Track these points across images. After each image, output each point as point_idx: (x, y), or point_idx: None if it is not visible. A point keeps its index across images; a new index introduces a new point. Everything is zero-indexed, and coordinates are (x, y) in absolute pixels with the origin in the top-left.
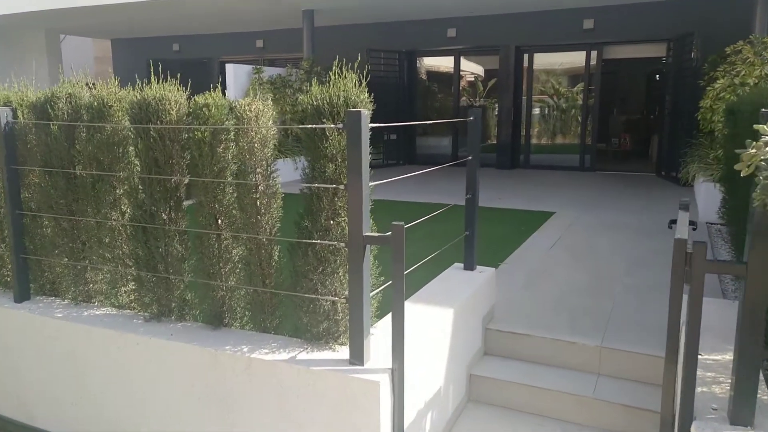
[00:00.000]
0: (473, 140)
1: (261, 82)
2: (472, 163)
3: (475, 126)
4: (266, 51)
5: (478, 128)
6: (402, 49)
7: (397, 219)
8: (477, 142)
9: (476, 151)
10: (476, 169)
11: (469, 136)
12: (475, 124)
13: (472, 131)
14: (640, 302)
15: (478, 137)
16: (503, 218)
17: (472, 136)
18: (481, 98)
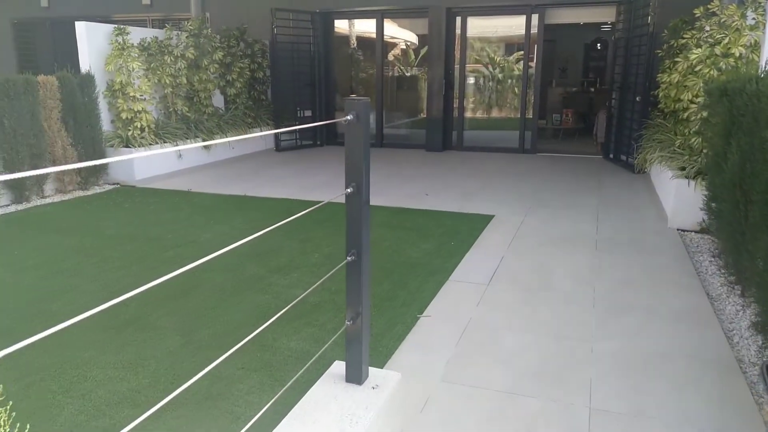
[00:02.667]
0: (354, 161)
1: (124, 47)
2: (355, 201)
3: (355, 133)
4: (153, 9)
5: (362, 138)
6: (315, 9)
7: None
8: (362, 166)
9: (362, 180)
10: (363, 210)
11: (347, 155)
12: (357, 130)
13: (352, 143)
14: (632, 399)
15: (362, 156)
16: (428, 226)
17: (353, 154)
18: (413, 67)
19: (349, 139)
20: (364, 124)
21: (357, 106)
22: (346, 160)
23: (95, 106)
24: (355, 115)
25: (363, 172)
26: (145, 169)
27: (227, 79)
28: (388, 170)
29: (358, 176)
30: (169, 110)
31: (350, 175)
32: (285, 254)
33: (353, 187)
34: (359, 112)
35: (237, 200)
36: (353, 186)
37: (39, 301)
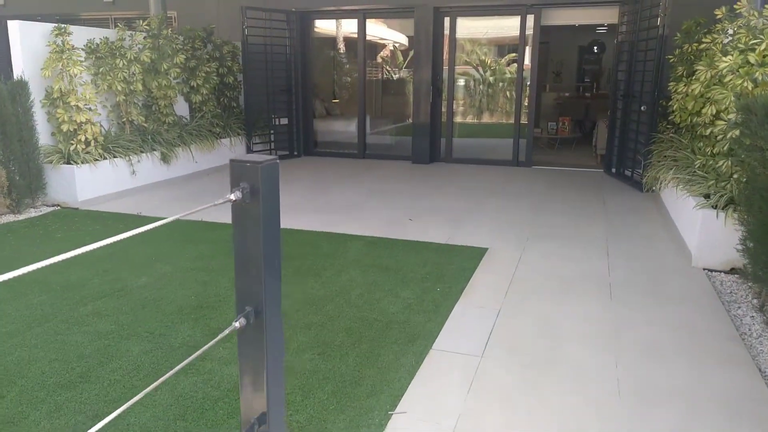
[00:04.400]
0: (249, 272)
1: (63, 49)
2: (255, 337)
3: (247, 224)
4: (116, 7)
5: (261, 231)
6: (291, 9)
7: None
8: (264, 280)
9: (261, 304)
10: (272, 342)
11: (238, 261)
12: (251, 218)
13: (245, 240)
14: None
15: (262, 262)
16: (410, 264)
17: (246, 261)
18: (401, 70)
19: (240, 233)
20: (267, 204)
21: (250, 174)
22: (236, 270)
23: (29, 117)
24: (247, 191)
25: (265, 291)
26: (91, 187)
27: (191, 85)
28: (369, 187)
29: (256, 298)
30: (122, 120)
31: (243, 296)
32: (229, 309)
33: (249, 315)
34: (256, 183)
35: (190, 228)
36: (249, 313)
37: None
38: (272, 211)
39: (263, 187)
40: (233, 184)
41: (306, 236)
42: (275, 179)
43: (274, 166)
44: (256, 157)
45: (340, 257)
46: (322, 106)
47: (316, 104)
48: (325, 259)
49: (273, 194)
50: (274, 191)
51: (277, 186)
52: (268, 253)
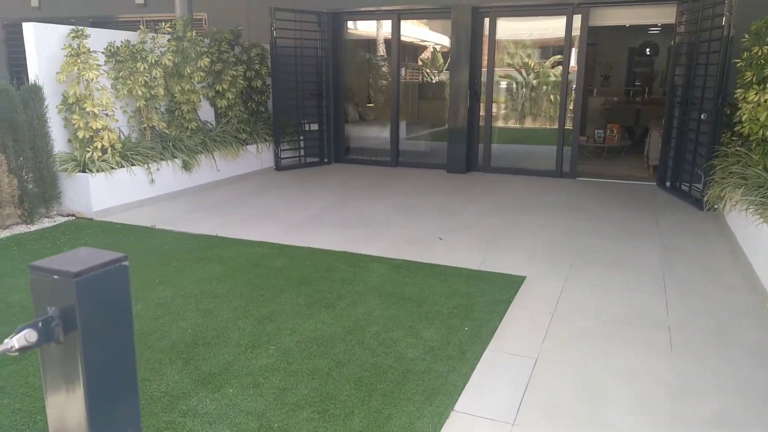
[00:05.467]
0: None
1: (79, 52)
2: None
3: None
4: (147, 9)
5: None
6: (323, 9)
7: None
8: None
9: None
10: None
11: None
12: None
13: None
14: None
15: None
16: (435, 294)
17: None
18: (440, 73)
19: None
20: (95, 348)
21: (60, 294)
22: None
23: (43, 123)
24: (56, 323)
25: None
26: (107, 197)
27: (217, 89)
28: (398, 199)
29: None
30: (143, 126)
31: None
32: (227, 348)
33: None
34: (70, 310)
35: (203, 243)
36: None
37: None
38: (109, 358)
39: (85, 319)
40: (37, 311)
41: (323, 257)
42: (119, 301)
43: (109, 275)
44: (75, 261)
45: (358, 283)
46: (355, 111)
47: (349, 109)
48: (342, 285)
49: (111, 329)
50: (115, 322)
51: (125, 312)
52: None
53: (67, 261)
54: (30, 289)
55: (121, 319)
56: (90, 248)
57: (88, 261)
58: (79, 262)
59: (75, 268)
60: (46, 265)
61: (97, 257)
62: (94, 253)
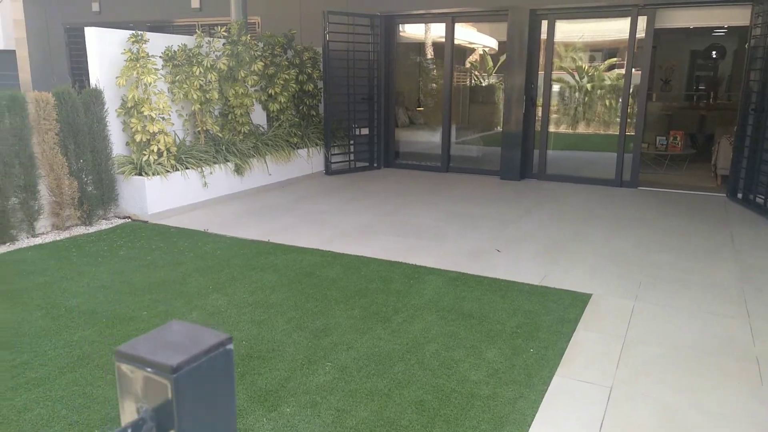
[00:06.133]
0: None
1: (139, 57)
2: None
3: None
4: (203, 13)
5: None
6: (376, 12)
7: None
8: None
9: None
10: None
11: None
12: None
13: None
14: None
15: None
16: (496, 311)
17: None
18: (490, 76)
19: None
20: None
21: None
22: None
23: (103, 127)
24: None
25: None
26: (162, 200)
27: (269, 93)
28: (451, 206)
29: None
30: (197, 130)
31: None
32: (283, 362)
33: None
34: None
35: (255, 249)
36: None
37: None
38: None
39: (185, 419)
40: (124, 408)
41: (376, 267)
42: (222, 392)
43: (212, 363)
44: (170, 345)
45: (414, 296)
46: (405, 115)
47: (399, 113)
48: (397, 298)
49: (213, 426)
50: (217, 418)
51: (228, 404)
52: None
53: (161, 345)
54: (116, 379)
55: (224, 413)
56: (183, 323)
57: (186, 346)
58: (177, 347)
59: (173, 359)
60: (136, 352)
61: (197, 339)
62: (190, 332)
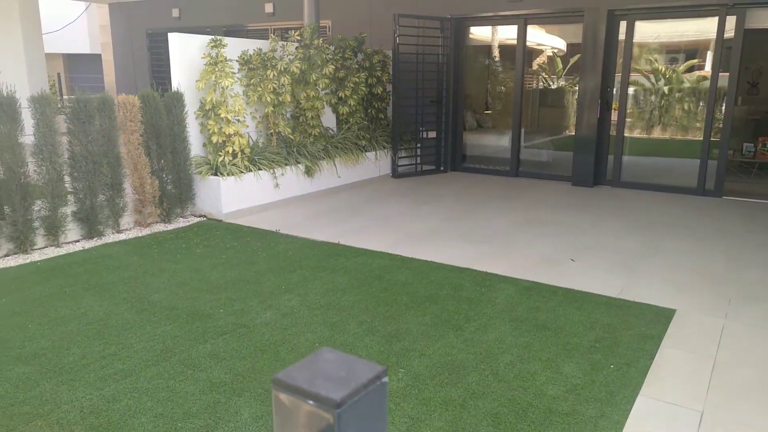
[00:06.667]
0: None
1: (217, 61)
2: None
3: None
4: (276, 18)
5: None
6: (446, 15)
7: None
8: None
9: None
10: None
11: None
12: None
13: None
14: None
15: None
16: (573, 323)
17: None
18: (559, 79)
19: None
20: None
21: (315, 423)
22: None
23: (183, 128)
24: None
25: None
26: (235, 200)
27: (339, 96)
28: (522, 213)
29: None
30: (269, 132)
31: None
32: None
33: None
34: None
35: (326, 251)
36: None
37: None
38: None
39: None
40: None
41: (445, 273)
42: (377, 426)
43: (369, 396)
44: (328, 376)
45: (486, 305)
46: (473, 118)
47: (467, 116)
48: (468, 306)
49: None
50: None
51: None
52: None
53: (318, 375)
54: (273, 406)
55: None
56: (334, 351)
57: (344, 379)
58: (334, 379)
59: (335, 392)
60: (296, 383)
61: (354, 371)
62: (344, 362)
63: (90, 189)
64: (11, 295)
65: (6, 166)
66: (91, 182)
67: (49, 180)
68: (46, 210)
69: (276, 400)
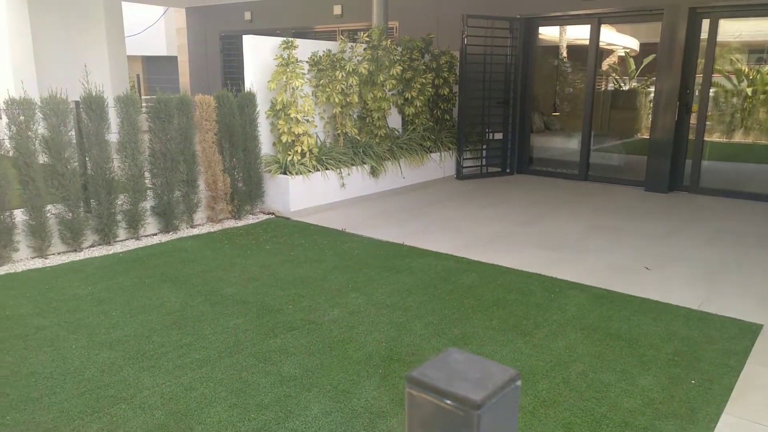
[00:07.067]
0: None
1: (288, 62)
2: None
3: None
4: (344, 20)
5: None
6: (516, 15)
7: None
8: None
9: None
10: None
11: None
12: None
13: None
14: None
15: None
16: (649, 334)
17: None
18: (631, 79)
19: None
20: None
21: (452, 424)
22: None
23: (254, 128)
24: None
25: None
26: (302, 198)
27: (406, 97)
28: (592, 218)
29: None
30: (336, 132)
31: None
32: None
33: None
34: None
35: (391, 251)
36: None
37: (77, 414)
38: None
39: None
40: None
41: (513, 278)
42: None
43: (504, 398)
44: (462, 376)
45: (555, 311)
46: (540, 120)
47: (534, 118)
48: (537, 311)
49: None
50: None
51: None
52: None
53: (452, 375)
54: (406, 405)
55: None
56: (462, 352)
57: (480, 380)
58: (470, 380)
59: (475, 393)
60: (432, 382)
61: (488, 373)
62: (476, 364)
63: (167, 185)
64: (98, 284)
65: (94, 162)
66: (169, 178)
67: (131, 176)
68: (128, 204)
69: (410, 398)
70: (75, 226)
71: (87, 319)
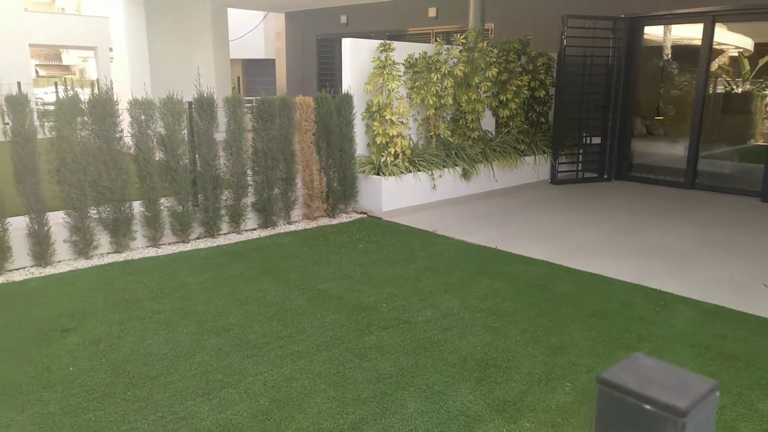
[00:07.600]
0: None
1: (385, 65)
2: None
3: None
4: (438, 22)
5: None
6: (620, 15)
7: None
8: None
9: None
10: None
11: None
12: None
13: None
14: None
15: None
16: (765, 355)
17: None
18: (745, 82)
19: None
20: None
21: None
22: None
23: (351, 129)
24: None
25: None
26: (394, 199)
27: (500, 99)
28: (700, 231)
29: None
30: (429, 134)
31: None
32: (519, 375)
33: None
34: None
35: (483, 255)
36: None
37: (176, 401)
38: None
39: None
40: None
41: (613, 288)
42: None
43: (705, 407)
44: (661, 382)
45: (661, 326)
46: (642, 124)
47: (636, 122)
48: (641, 325)
49: None
50: None
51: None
52: None
53: (645, 380)
54: (596, 402)
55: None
56: (649, 357)
57: (677, 388)
58: (666, 387)
59: (680, 401)
60: (629, 385)
61: (684, 381)
62: (669, 371)
63: (267, 182)
64: (204, 274)
65: (203, 159)
66: (269, 176)
67: (235, 173)
68: (231, 200)
69: (603, 398)
70: (184, 218)
71: (196, 306)
